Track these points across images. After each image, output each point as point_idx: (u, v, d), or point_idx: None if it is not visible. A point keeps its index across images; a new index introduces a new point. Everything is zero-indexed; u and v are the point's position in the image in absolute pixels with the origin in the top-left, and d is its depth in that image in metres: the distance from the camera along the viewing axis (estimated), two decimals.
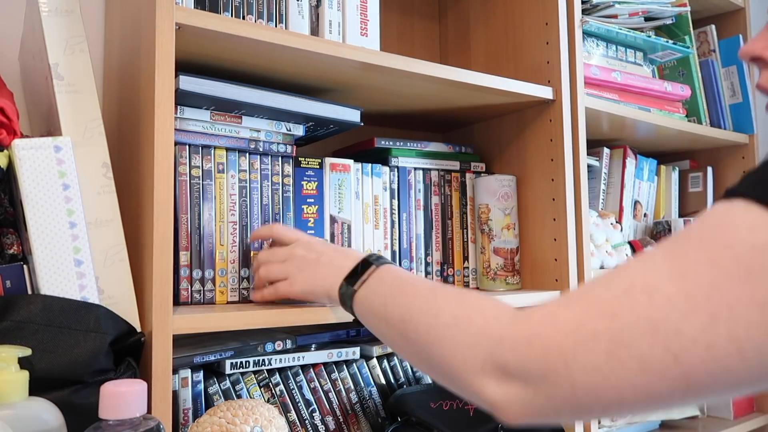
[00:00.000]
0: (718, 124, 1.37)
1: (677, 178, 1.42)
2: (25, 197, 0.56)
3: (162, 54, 0.64)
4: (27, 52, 0.79)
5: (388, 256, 0.94)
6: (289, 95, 0.80)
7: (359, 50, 0.79)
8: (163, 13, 0.64)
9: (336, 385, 0.86)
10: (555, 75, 0.99)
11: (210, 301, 0.77)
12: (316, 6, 0.83)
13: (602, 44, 1.13)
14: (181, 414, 0.74)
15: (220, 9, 0.76)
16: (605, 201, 1.28)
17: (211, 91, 0.73)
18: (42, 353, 0.54)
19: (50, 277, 0.56)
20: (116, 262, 0.62)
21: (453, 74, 0.88)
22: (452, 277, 1.01)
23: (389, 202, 0.95)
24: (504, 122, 1.09)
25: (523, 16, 1.06)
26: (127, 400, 0.48)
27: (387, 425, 0.88)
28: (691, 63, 1.36)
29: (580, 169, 0.99)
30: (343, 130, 0.91)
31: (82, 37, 0.65)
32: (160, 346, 0.60)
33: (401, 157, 0.97)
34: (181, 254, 0.75)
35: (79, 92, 0.64)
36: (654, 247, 0.41)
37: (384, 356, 0.92)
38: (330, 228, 0.88)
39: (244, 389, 0.79)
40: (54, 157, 0.58)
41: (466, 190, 1.04)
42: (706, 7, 1.45)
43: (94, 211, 0.62)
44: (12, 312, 0.54)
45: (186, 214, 0.75)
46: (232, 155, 0.79)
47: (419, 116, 1.10)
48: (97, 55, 0.94)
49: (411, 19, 1.25)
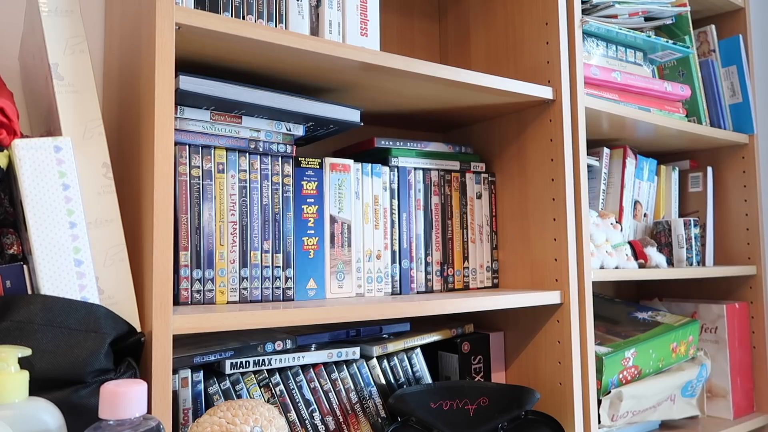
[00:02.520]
0: (718, 124, 1.37)
1: (677, 178, 1.42)
2: (25, 197, 0.56)
3: (162, 54, 0.64)
4: (27, 52, 0.79)
5: (388, 256, 0.94)
6: (289, 95, 0.80)
7: (359, 50, 0.79)
8: (163, 13, 0.64)
9: (336, 385, 0.86)
10: (555, 75, 0.99)
11: (210, 301, 0.77)
12: (316, 6, 0.83)
13: (602, 44, 1.13)
14: (181, 414, 0.74)
15: (220, 9, 0.76)
16: (605, 201, 1.28)
17: (211, 91, 0.73)
18: (42, 353, 0.54)
19: (50, 277, 0.56)
20: (116, 262, 0.62)
21: (453, 74, 0.88)
22: (452, 277, 1.01)
23: (389, 202, 0.95)
24: (504, 122, 1.09)
25: (523, 16, 1.06)
26: (127, 400, 0.48)
27: (387, 425, 0.88)
28: (691, 63, 1.36)
29: (580, 169, 0.99)
30: (343, 130, 0.91)
31: (82, 37, 0.65)
32: (160, 346, 0.60)
33: (401, 157, 0.97)
34: (181, 254, 0.75)
35: (79, 92, 0.64)
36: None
37: (384, 356, 0.92)
38: (330, 228, 0.88)
39: (244, 389, 0.79)
40: (54, 157, 0.58)
41: (466, 190, 1.04)
42: (706, 7, 1.45)
43: (94, 211, 0.62)
44: (12, 312, 0.54)
45: (186, 214, 0.75)
46: (232, 155, 0.79)
47: (419, 116, 1.10)
48: (97, 55, 0.94)
49: (411, 19, 1.25)
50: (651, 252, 1.19)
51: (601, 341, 1.14)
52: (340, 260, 0.88)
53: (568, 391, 0.96)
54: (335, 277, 0.88)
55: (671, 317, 1.24)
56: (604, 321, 1.26)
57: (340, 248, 0.89)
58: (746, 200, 1.39)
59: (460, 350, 1.01)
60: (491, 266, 1.07)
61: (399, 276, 0.95)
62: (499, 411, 0.89)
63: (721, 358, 1.33)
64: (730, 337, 1.33)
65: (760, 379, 1.37)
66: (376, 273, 0.92)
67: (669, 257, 1.31)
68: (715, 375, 1.34)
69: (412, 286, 0.96)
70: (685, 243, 1.29)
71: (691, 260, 1.29)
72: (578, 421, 0.96)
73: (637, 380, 1.11)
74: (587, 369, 0.97)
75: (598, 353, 1.05)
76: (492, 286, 1.07)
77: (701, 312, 1.37)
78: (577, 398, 0.96)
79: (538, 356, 1.02)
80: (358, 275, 0.90)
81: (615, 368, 1.06)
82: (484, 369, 1.04)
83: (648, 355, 1.13)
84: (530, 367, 1.03)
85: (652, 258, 1.19)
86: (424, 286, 0.98)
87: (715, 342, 1.34)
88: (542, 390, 1.01)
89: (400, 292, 0.95)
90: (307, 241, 0.85)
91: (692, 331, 1.22)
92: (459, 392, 0.91)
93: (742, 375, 1.35)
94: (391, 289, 0.94)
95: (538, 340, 1.02)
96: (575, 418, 0.96)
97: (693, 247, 1.30)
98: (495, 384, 0.92)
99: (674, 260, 1.30)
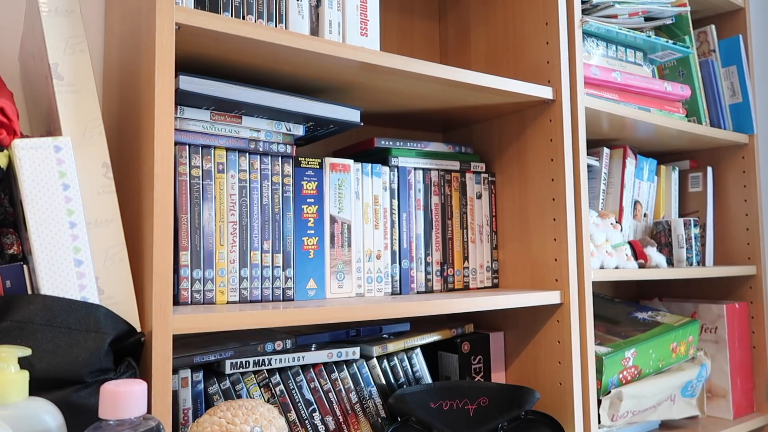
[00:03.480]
0: (718, 124, 1.37)
1: (677, 178, 1.42)
2: (25, 197, 0.56)
3: (162, 54, 0.64)
4: (27, 52, 0.79)
5: (388, 256, 0.94)
6: (289, 95, 0.80)
7: (359, 50, 0.79)
8: (163, 13, 0.64)
9: (336, 385, 0.86)
10: (555, 75, 0.99)
11: (210, 301, 0.77)
12: (316, 6, 0.83)
13: (602, 44, 1.13)
14: (181, 414, 0.74)
15: (220, 9, 0.76)
16: (605, 201, 1.28)
17: (211, 91, 0.73)
18: (42, 353, 0.54)
19: (50, 277, 0.56)
20: (116, 262, 0.62)
21: (453, 74, 0.88)
22: (452, 277, 1.01)
23: (389, 202, 0.95)
24: (504, 122, 1.09)
25: (523, 16, 1.06)
26: (127, 400, 0.48)
27: (387, 425, 0.88)
28: (691, 63, 1.36)
29: (580, 169, 0.99)
30: (343, 130, 0.91)
31: (82, 37, 0.65)
32: (160, 346, 0.60)
33: (401, 157, 0.97)
34: (180, 254, 0.75)
35: (79, 92, 0.64)
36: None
37: (384, 356, 0.92)
38: (330, 228, 0.88)
39: (244, 389, 0.79)
40: (54, 157, 0.58)
41: (466, 190, 1.04)
42: (706, 7, 1.45)
43: (94, 211, 0.62)
44: (12, 312, 0.54)
45: (186, 214, 0.75)
46: (232, 155, 0.79)
47: (419, 116, 1.10)
48: (97, 55, 0.94)
49: (411, 19, 1.25)
50: (651, 252, 1.19)
51: (601, 341, 1.14)
52: (340, 260, 0.88)
53: (568, 391, 0.96)
54: (335, 277, 0.88)
55: (671, 317, 1.24)
56: (604, 321, 1.26)
57: (340, 248, 0.89)
58: (746, 200, 1.39)
59: (460, 350, 1.01)
60: (491, 266, 1.07)
61: (399, 276, 0.95)
62: (499, 411, 0.89)
63: (721, 358, 1.33)
64: (730, 337, 1.33)
65: (760, 379, 1.37)
66: (376, 273, 0.92)
67: (669, 257, 1.31)
68: (715, 375, 1.34)
69: (412, 286, 0.96)
70: (685, 243, 1.29)
71: (691, 260, 1.29)
72: (578, 421, 0.96)
73: (637, 380, 1.11)
74: (587, 369, 0.97)
75: (598, 353, 1.05)
76: (492, 286, 1.07)
77: (701, 312, 1.37)
78: (577, 398, 0.96)
79: (538, 356, 1.02)
80: (358, 275, 0.90)
81: (615, 368, 1.06)
82: (484, 369, 1.04)
83: (648, 355, 1.13)
84: (530, 367, 1.03)
85: (652, 258, 1.19)
86: (424, 286, 0.98)
87: (715, 342, 1.34)
88: (542, 390, 1.01)
89: (400, 292, 0.95)
90: (307, 241, 0.85)
91: (692, 331, 1.22)
92: (459, 392, 0.91)
93: (742, 375, 1.35)
94: (391, 289, 0.94)
95: (538, 340, 1.02)
96: (575, 418, 0.96)
97: (693, 247, 1.30)
98: (495, 384, 0.92)
99: (674, 260, 1.30)
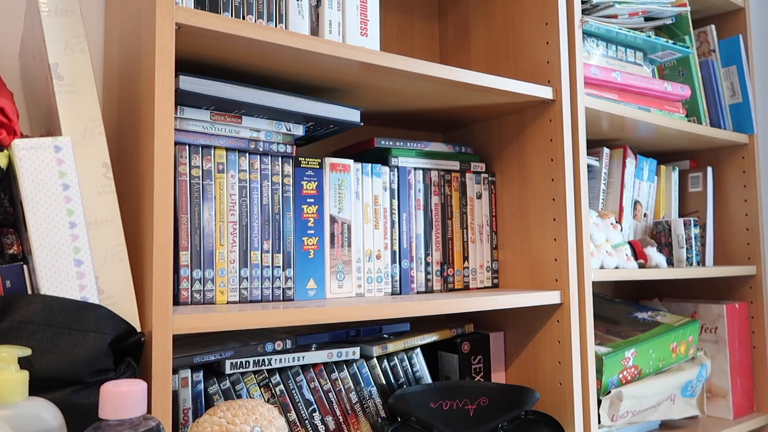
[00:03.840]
0: (718, 124, 1.37)
1: (677, 178, 1.42)
2: (25, 197, 0.56)
3: (162, 54, 0.64)
4: (27, 52, 0.79)
5: (388, 256, 0.94)
6: (289, 95, 0.80)
7: (359, 50, 0.79)
8: (163, 13, 0.64)
9: (336, 385, 0.86)
10: (555, 75, 0.99)
11: (210, 301, 0.77)
12: (316, 6, 0.83)
13: (602, 44, 1.13)
14: (181, 414, 0.74)
15: (220, 9, 0.76)
16: (605, 201, 1.28)
17: (211, 91, 0.73)
18: (42, 353, 0.54)
19: (50, 277, 0.56)
20: (116, 262, 0.62)
21: (453, 74, 0.88)
22: (452, 277, 1.01)
23: (389, 202, 0.95)
24: (504, 122, 1.09)
25: (523, 16, 1.06)
26: (127, 400, 0.48)
27: (387, 425, 0.88)
28: (691, 63, 1.36)
29: (580, 169, 0.99)
30: (343, 130, 0.91)
31: (82, 37, 0.65)
32: (160, 346, 0.60)
33: (401, 157, 0.97)
34: (181, 254, 0.75)
35: (79, 92, 0.64)
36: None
37: (384, 356, 0.92)
38: (330, 228, 0.88)
39: (244, 389, 0.79)
40: (54, 157, 0.58)
41: (466, 190, 1.04)
42: (706, 7, 1.45)
43: (94, 211, 0.62)
44: (12, 312, 0.54)
45: (186, 214, 0.75)
46: (232, 155, 0.79)
47: (419, 116, 1.10)
48: (97, 55, 0.94)
49: (411, 19, 1.25)
50: (651, 252, 1.19)
51: (601, 341, 1.14)
52: (340, 260, 0.88)
53: (568, 391, 0.96)
54: (335, 277, 0.88)
55: (671, 317, 1.24)
56: (604, 321, 1.26)
57: (340, 248, 0.89)
58: (746, 200, 1.39)
59: (460, 350, 1.01)
60: (491, 266, 1.07)
61: (399, 276, 0.95)
62: (499, 411, 0.89)
63: (721, 358, 1.33)
64: (730, 337, 1.33)
65: (760, 379, 1.37)
66: (376, 273, 0.92)
67: (669, 257, 1.31)
68: (715, 375, 1.34)
69: (412, 286, 0.96)
70: (685, 243, 1.29)
71: (691, 260, 1.29)
72: (578, 421, 0.96)
73: (637, 380, 1.11)
74: (587, 369, 0.97)
75: (598, 353, 1.05)
76: (492, 286, 1.07)
77: (701, 312, 1.37)
78: (577, 398, 0.96)
79: (538, 356, 1.02)
80: (358, 275, 0.90)
81: (615, 368, 1.06)
82: (484, 369, 1.04)
83: (648, 355, 1.13)
84: (530, 367, 1.03)
85: (652, 258, 1.19)
86: (424, 286, 0.98)
87: (715, 342, 1.34)
88: (542, 390, 1.01)
89: (400, 292, 0.95)
90: (307, 241, 0.85)
91: (692, 331, 1.22)
92: (459, 392, 0.91)
93: (742, 375, 1.35)
94: (391, 289, 0.94)
95: (538, 340, 1.02)
96: (575, 418, 0.96)
97: (693, 247, 1.30)
98: (495, 384, 0.92)
99: (674, 260, 1.30)
